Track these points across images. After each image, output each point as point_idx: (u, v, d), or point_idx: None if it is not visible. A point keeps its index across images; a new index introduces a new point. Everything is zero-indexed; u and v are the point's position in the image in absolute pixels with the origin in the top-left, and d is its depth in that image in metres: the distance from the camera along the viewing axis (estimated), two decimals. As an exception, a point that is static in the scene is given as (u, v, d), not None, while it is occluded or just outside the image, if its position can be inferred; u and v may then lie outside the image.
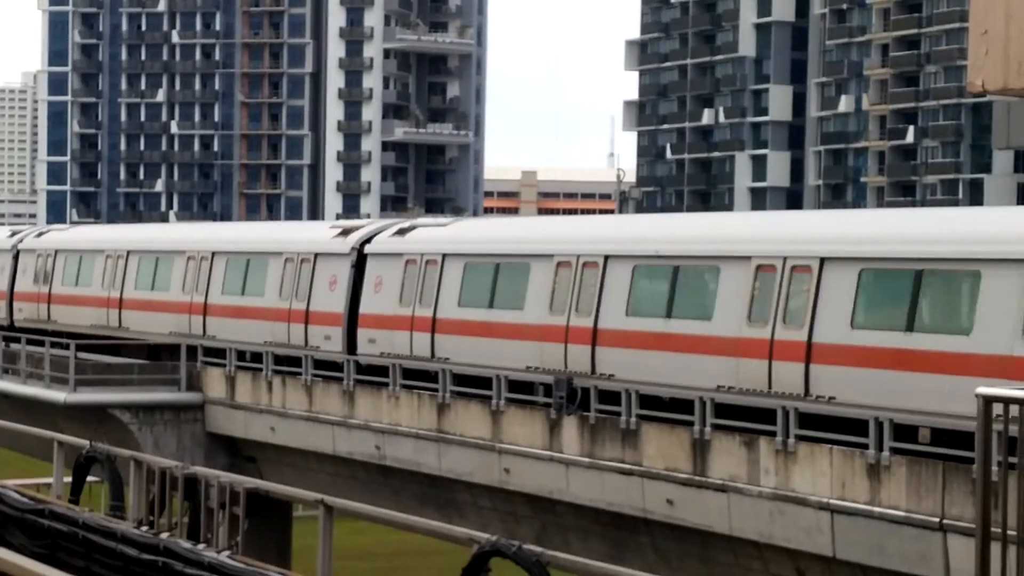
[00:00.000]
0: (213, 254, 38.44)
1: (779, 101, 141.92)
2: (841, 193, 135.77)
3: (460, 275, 30.68)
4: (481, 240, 31.64)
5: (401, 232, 32.97)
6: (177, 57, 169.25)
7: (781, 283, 24.30)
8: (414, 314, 31.44)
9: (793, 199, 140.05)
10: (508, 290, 29.59)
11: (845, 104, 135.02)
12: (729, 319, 25.03)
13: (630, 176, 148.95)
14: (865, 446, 21.90)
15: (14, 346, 39.73)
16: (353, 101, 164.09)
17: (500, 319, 29.51)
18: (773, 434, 23.23)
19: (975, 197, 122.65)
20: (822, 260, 23.80)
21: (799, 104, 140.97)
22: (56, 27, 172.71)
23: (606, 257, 27.56)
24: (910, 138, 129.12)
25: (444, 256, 31.09)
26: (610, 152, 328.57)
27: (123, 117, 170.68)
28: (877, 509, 21.63)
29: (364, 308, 32.89)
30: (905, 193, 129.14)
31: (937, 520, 20.93)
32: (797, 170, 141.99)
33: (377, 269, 32.73)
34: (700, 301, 25.95)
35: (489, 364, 28.90)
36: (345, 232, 34.47)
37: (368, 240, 33.42)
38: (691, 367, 25.64)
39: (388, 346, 31.95)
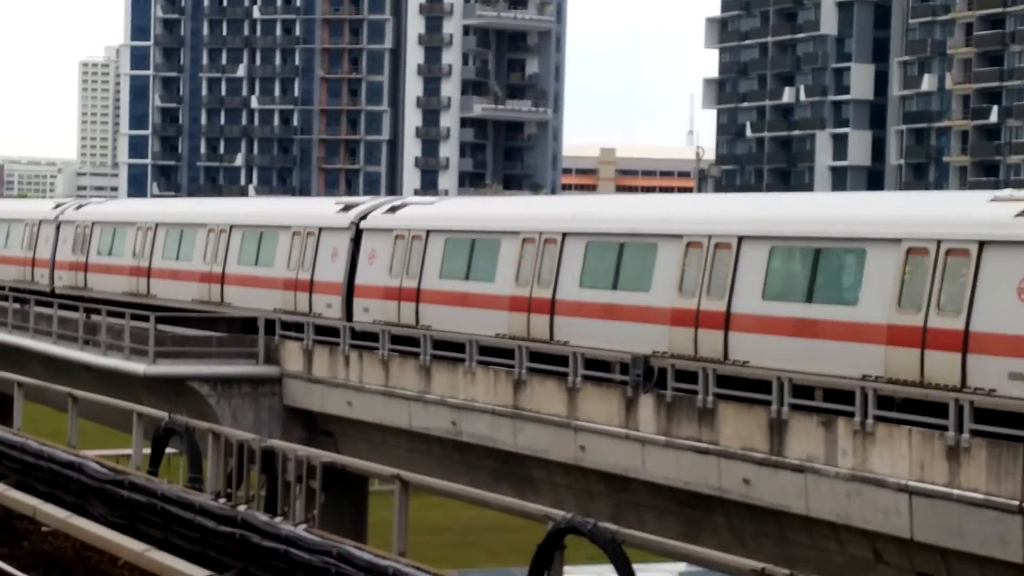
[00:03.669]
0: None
1: (861, 80, 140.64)
2: (923, 173, 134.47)
3: None
4: None
5: None
6: (258, 32, 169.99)
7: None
8: None
9: (874, 179, 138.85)
10: None
11: (928, 83, 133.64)
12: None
13: (709, 154, 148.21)
14: (945, 428, 21.70)
15: (95, 318, 40.08)
16: (432, 77, 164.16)
17: None
18: (852, 415, 23.04)
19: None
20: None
21: (881, 83, 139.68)
22: (139, 2, 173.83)
23: None
24: (994, 117, 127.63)
25: None
26: (689, 130, 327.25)
27: (204, 92, 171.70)
28: (956, 491, 21.43)
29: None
30: (988, 173, 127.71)
31: (1017, 503, 20.72)
32: (878, 149, 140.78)
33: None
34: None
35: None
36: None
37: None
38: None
39: None
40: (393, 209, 36.08)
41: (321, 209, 39.07)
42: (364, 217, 36.30)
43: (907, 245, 23.78)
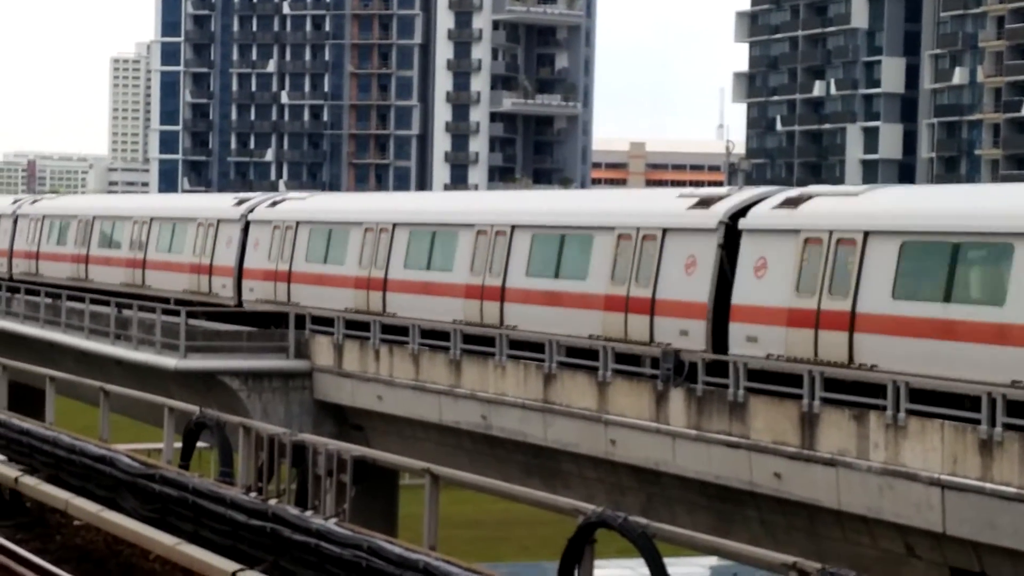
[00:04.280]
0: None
1: (892, 73, 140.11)
2: (955, 166, 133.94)
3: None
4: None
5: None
6: (288, 28, 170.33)
7: None
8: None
9: (905, 172, 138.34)
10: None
11: (959, 76, 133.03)
12: None
13: (739, 148, 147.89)
14: (977, 421, 21.60)
15: (126, 312, 40.19)
16: (462, 72, 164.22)
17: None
18: (883, 408, 22.96)
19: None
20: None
21: (912, 76, 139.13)
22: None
23: None
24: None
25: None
26: (719, 124, 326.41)
27: (234, 87, 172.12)
28: (989, 485, 21.33)
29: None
30: (1020, 166, 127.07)
31: (1050, 498, 20.62)
32: (910, 143, 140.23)
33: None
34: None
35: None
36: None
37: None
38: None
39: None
40: (274, 204, 41.82)
41: (220, 204, 45.19)
42: (252, 210, 41.80)
43: (618, 232, 29.46)
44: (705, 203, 28.11)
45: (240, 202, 42.84)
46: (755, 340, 26.01)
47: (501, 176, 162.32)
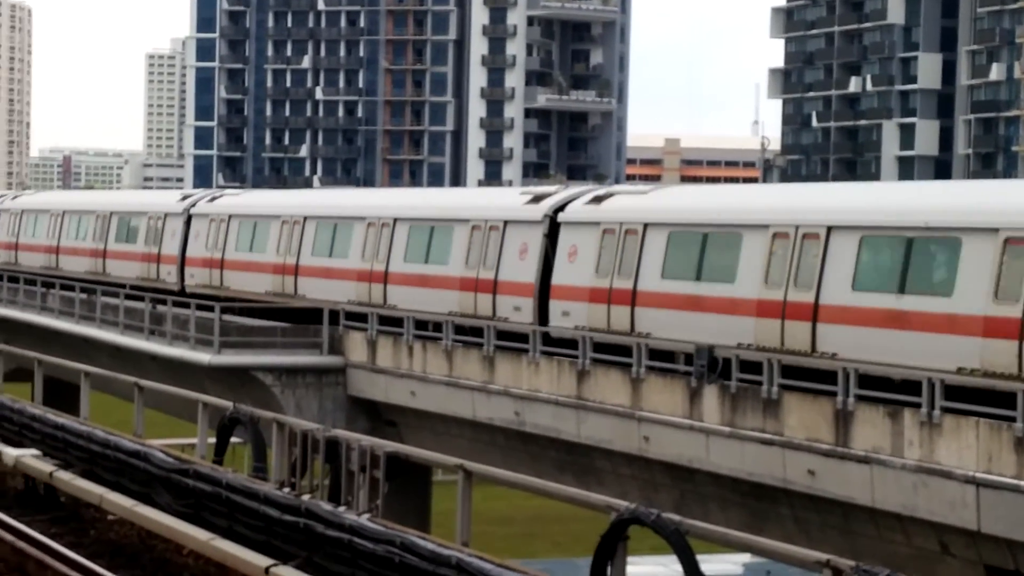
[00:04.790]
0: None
1: (928, 69, 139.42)
2: (991, 162, 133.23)
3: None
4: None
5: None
6: (322, 24, 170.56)
7: None
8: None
9: (942, 168, 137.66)
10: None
11: (996, 72, 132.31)
12: None
13: (775, 144, 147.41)
14: (1013, 419, 21.48)
15: (160, 308, 40.31)
16: (496, 68, 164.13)
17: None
18: (918, 406, 22.87)
19: None
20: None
21: (949, 72, 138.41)
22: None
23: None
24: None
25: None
26: (754, 120, 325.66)
27: (269, 83, 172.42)
28: (1024, 483, 21.23)
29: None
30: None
31: (1086, 496, 20.53)
32: (946, 139, 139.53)
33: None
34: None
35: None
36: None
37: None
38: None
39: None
40: (213, 199, 46.44)
41: (167, 199, 50.51)
42: (194, 205, 46.50)
43: (472, 223, 34.53)
44: (536, 199, 33.42)
45: (184, 197, 48.05)
46: (568, 315, 31.28)
47: (535, 172, 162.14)
